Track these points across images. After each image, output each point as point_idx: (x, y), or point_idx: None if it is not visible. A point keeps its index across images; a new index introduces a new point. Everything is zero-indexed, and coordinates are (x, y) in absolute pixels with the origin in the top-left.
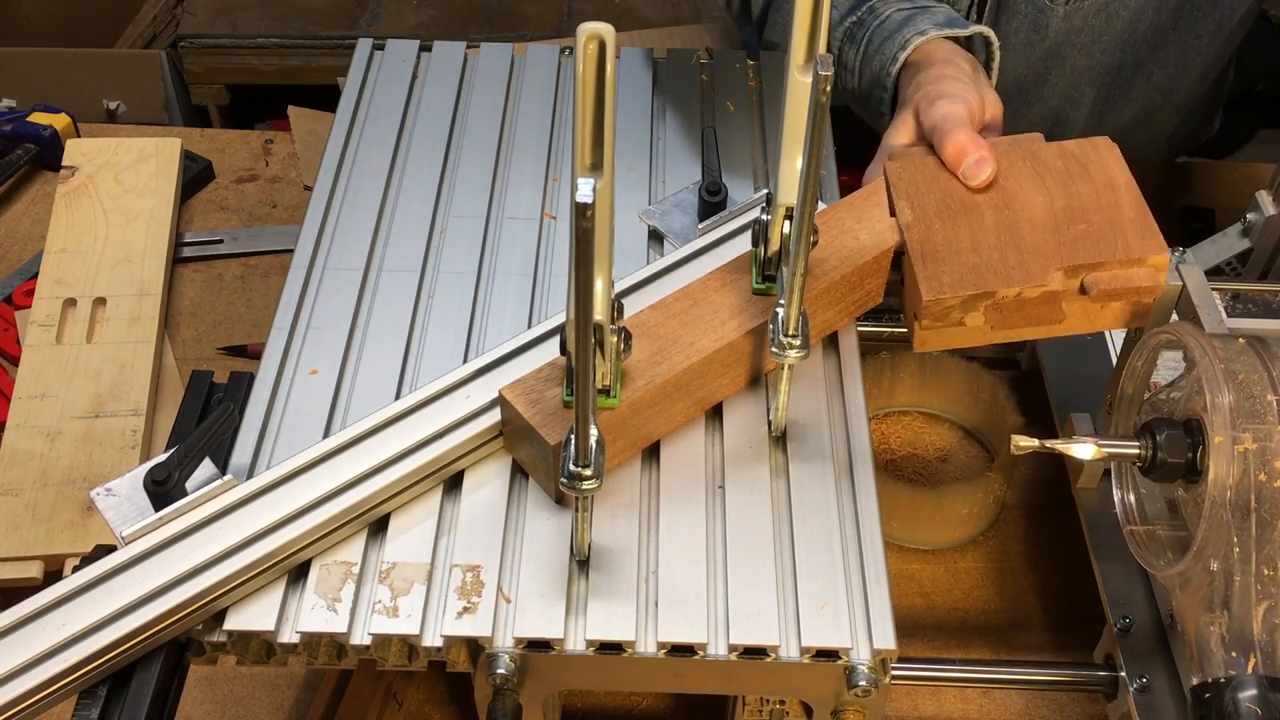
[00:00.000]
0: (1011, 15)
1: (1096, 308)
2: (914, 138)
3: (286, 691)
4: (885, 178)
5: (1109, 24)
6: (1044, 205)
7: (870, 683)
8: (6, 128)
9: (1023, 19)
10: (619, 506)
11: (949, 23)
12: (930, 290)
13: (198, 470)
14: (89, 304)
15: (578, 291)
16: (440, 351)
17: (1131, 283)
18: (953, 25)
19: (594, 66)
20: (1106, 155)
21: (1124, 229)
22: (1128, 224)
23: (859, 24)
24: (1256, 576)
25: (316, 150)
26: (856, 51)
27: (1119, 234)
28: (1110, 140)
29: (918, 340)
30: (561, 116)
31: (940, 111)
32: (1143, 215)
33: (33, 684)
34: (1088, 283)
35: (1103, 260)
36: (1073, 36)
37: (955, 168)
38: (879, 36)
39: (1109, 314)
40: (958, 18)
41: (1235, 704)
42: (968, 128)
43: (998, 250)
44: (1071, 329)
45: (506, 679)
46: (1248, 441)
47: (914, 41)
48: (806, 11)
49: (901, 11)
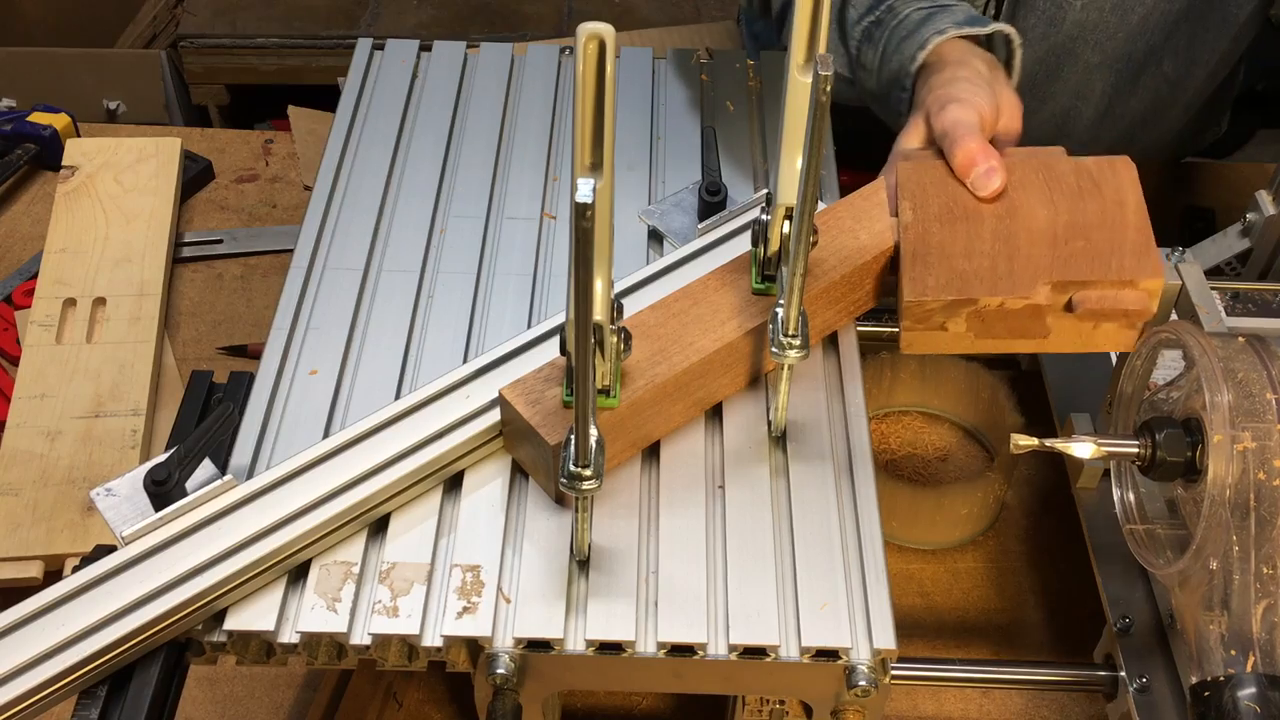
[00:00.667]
0: (1029, 11)
1: (1088, 327)
2: (925, 141)
3: (286, 691)
4: (895, 178)
5: (1123, 20)
6: (1047, 219)
7: (870, 683)
8: (6, 128)
9: (1040, 14)
10: (619, 506)
11: (968, 21)
12: (912, 291)
13: (198, 470)
14: (89, 304)
15: (577, 291)
16: (440, 351)
17: (1120, 304)
18: (972, 23)
19: (594, 66)
20: (1123, 175)
21: (1122, 250)
22: (1128, 245)
23: (877, 23)
24: (1256, 575)
25: (316, 150)
26: (875, 51)
27: (1116, 254)
28: (1129, 160)
29: (903, 341)
30: (561, 116)
31: (951, 117)
32: (1145, 238)
33: (33, 684)
34: (1075, 300)
35: (1094, 279)
36: (1087, 31)
37: (964, 176)
38: (897, 36)
39: (1102, 335)
40: (978, 16)
41: (1234, 702)
42: (978, 135)
43: (989, 259)
44: (1059, 346)
45: (506, 679)
46: (1247, 440)
47: (932, 41)
48: (806, 11)
49: (920, 11)
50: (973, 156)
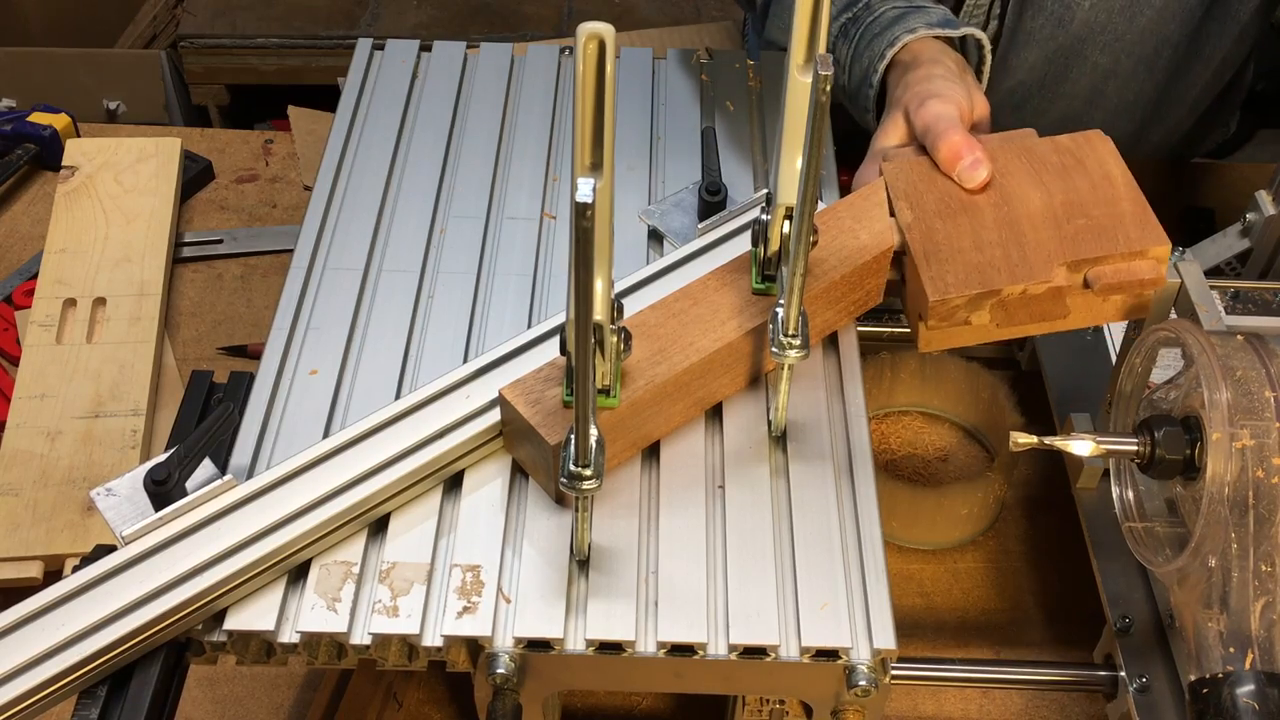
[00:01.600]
0: (1037, 11)
1: (1099, 300)
2: (905, 138)
3: (286, 691)
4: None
5: (1132, 22)
6: (1042, 201)
7: (870, 683)
8: (6, 128)
9: (1047, 15)
10: (619, 506)
11: (942, 22)
12: (936, 291)
13: (198, 470)
14: (89, 304)
15: (577, 291)
16: (440, 351)
17: (1135, 275)
18: (945, 25)
19: (594, 66)
20: (1101, 148)
21: (1124, 222)
22: (1127, 217)
23: (853, 20)
24: (1254, 572)
25: (316, 150)
26: (849, 47)
27: (1119, 227)
28: (1103, 133)
29: (923, 340)
30: (561, 116)
31: (932, 112)
32: (1141, 207)
33: (33, 684)
34: (1091, 277)
35: (1105, 254)
36: (1095, 33)
37: (950, 170)
38: (870, 33)
39: (1111, 306)
40: (952, 18)
41: (1233, 699)
42: (961, 129)
43: (1000, 248)
44: (1075, 323)
45: (506, 679)
46: (1245, 438)
47: (903, 39)
48: (806, 11)
49: (895, 9)
50: (957, 149)
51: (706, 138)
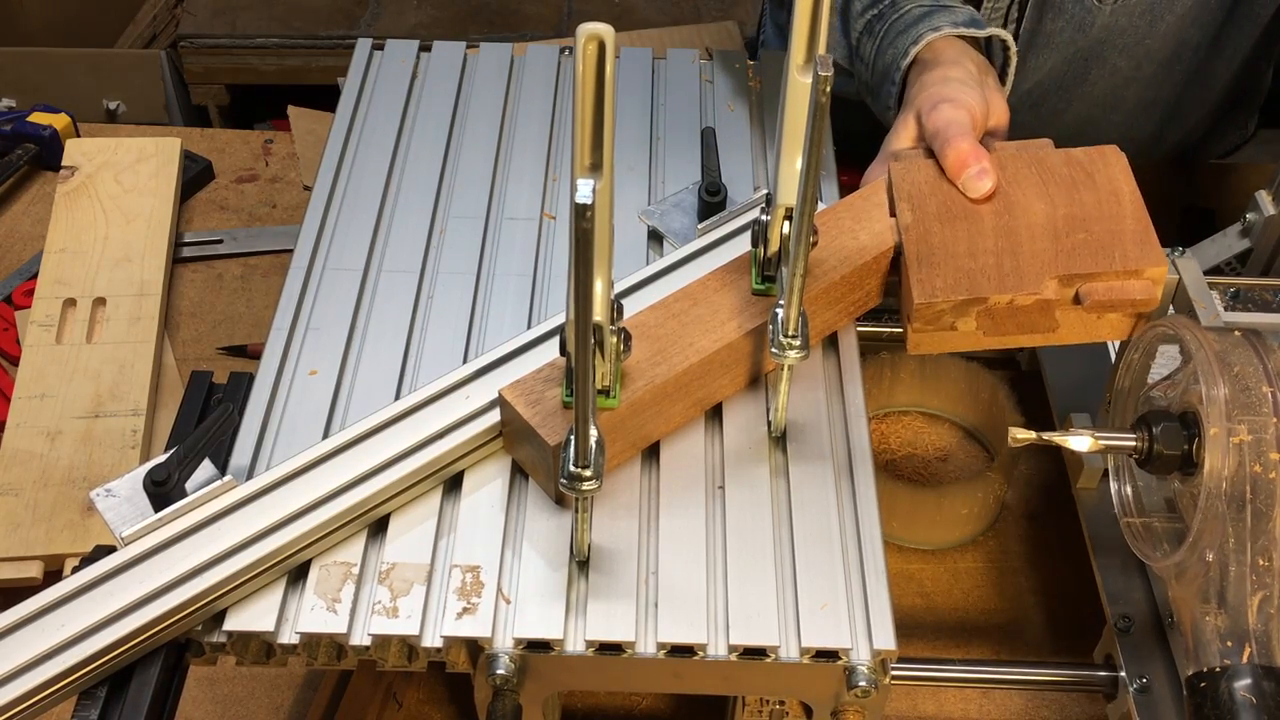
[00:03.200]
0: (1056, 15)
1: (1093, 318)
2: (916, 140)
3: (286, 691)
4: (889, 177)
5: (1153, 26)
6: (1045, 213)
7: (870, 683)
8: (6, 128)
9: (1068, 18)
10: (619, 507)
11: (967, 22)
12: (922, 294)
13: (197, 471)
14: (89, 304)
15: (577, 292)
16: (440, 351)
17: (1127, 295)
18: (970, 25)
19: (594, 67)
20: (1114, 164)
21: (1123, 240)
22: (1128, 235)
23: (878, 17)
24: (1251, 567)
25: (316, 150)
26: (873, 44)
27: (1118, 245)
28: (1118, 149)
29: (910, 342)
30: (561, 116)
31: (943, 117)
32: (1144, 227)
33: (32, 684)
34: (1082, 293)
35: (1099, 271)
36: (1115, 36)
37: (955, 177)
38: (894, 30)
39: (1105, 325)
40: (978, 18)
41: (1230, 693)
42: (969, 136)
43: (994, 256)
44: (1066, 338)
45: (506, 679)
46: (1243, 433)
47: (926, 37)
48: (806, 11)
49: (922, 7)
50: (964, 158)
51: (706, 138)
